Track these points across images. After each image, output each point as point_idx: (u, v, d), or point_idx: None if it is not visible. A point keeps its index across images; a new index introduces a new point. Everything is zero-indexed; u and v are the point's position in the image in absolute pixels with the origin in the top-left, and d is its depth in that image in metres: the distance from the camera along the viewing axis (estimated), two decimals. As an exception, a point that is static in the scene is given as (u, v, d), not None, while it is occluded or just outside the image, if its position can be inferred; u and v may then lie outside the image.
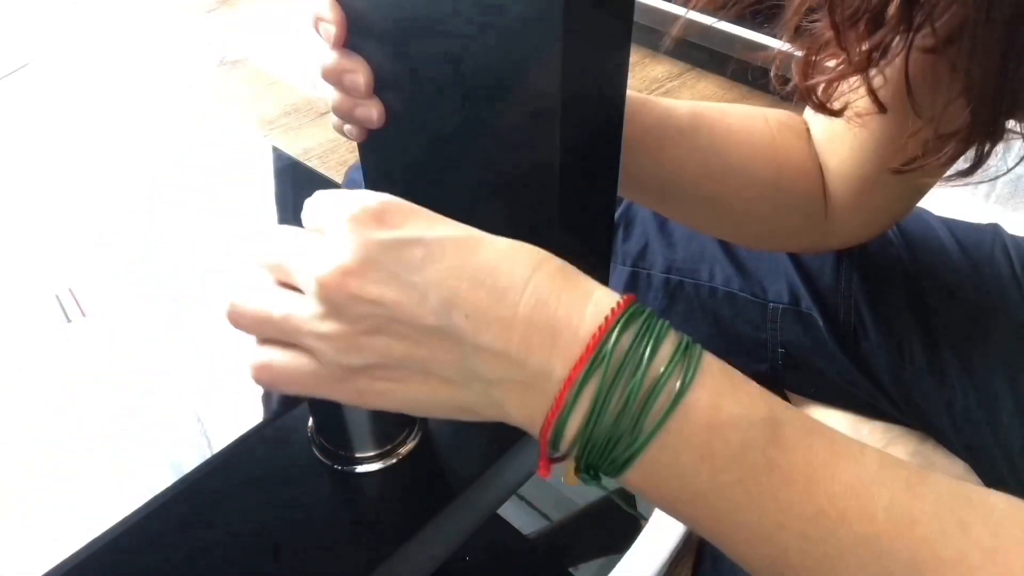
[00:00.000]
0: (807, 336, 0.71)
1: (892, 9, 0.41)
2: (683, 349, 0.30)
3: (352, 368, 0.32)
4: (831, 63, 0.47)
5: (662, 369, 0.30)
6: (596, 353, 0.29)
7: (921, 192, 0.59)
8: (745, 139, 0.58)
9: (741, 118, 0.58)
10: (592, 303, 0.31)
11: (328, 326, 0.31)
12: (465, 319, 0.30)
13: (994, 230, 0.69)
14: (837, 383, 0.71)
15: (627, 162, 0.54)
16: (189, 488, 0.41)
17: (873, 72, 0.45)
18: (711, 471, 0.30)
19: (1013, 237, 0.69)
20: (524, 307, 0.30)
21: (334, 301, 0.31)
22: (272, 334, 0.34)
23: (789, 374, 0.74)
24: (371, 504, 0.43)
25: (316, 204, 0.34)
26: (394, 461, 0.44)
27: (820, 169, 0.60)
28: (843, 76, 0.47)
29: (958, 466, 0.67)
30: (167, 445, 0.44)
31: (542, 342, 0.30)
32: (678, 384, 0.29)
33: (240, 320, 0.34)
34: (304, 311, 0.32)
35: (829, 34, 0.44)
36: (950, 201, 0.74)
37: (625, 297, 0.31)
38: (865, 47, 0.43)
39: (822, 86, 0.48)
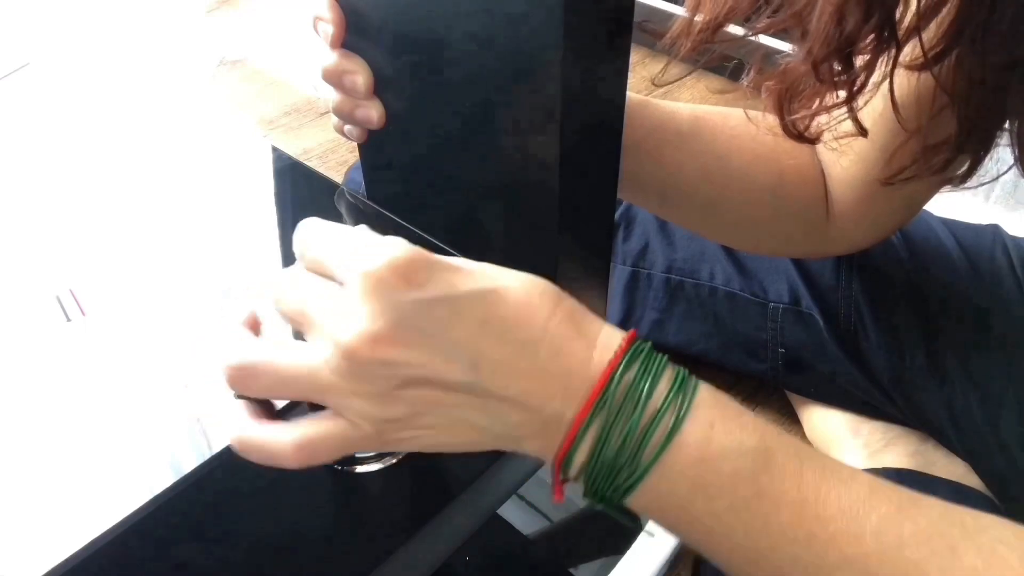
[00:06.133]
0: (807, 336, 0.71)
1: (868, 37, 0.40)
2: (678, 385, 0.32)
3: (386, 420, 0.32)
4: (808, 94, 0.46)
5: (659, 405, 0.32)
6: (601, 395, 0.32)
7: (923, 200, 0.59)
8: (747, 144, 0.58)
9: (743, 122, 0.58)
10: (598, 347, 0.33)
11: (357, 384, 0.31)
12: (492, 374, 0.32)
13: (994, 230, 0.69)
14: (837, 383, 0.71)
15: (627, 164, 0.54)
16: (189, 488, 0.41)
17: (860, 102, 0.44)
18: (705, 499, 0.32)
19: (1013, 237, 0.69)
20: (542, 359, 0.32)
21: (363, 365, 0.31)
22: (292, 394, 0.33)
23: (789, 374, 0.74)
24: (371, 504, 0.43)
25: (318, 242, 0.34)
26: (394, 461, 0.44)
27: (822, 176, 0.60)
28: (830, 108, 0.46)
29: (958, 466, 0.67)
30: (167, 445, 0.44)
31: (557, 390, 0.32)
32: (672, 420, 0.32)
33: (253, 381, 0.33)
34: (328, 368, 0.31)
35: (803, 68, 0.44)
36: (950, 201, 0.74)
37: (627, 337, 0.33)
38: (847, 77, 0.43)
39: (803, 120, 0.48)
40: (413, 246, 0.32)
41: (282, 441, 0.33)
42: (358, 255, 0.31)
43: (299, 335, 0.34)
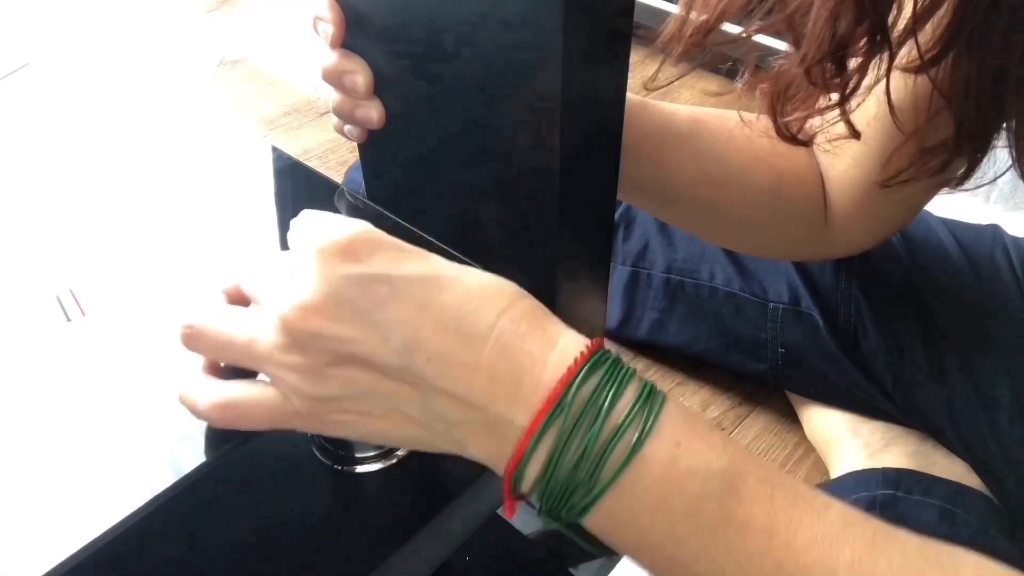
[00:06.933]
0: (807, 336, 0.71)
1: (861, 41, 0.40)
2: (644, 397, 0.30)
3: (317, 398, 0.32)
4: (801, 97, 0.46)
5: (621, 419, 0.30)
6: (557, 404, 0.30)
7: (922, 203, 0.59)
8: (745, 145, 0.58)
9: (741, 125, 0.58)
10: (556, 351, 0.31)
11: (292, 357, 0.31)
12: (427, 362, 0.30)
13: (994, 231, 0.69)
14: (837, 383, 0.71)
15: (627, 166, 0.53)
16: (189, 488, 0.41)
17: (853, 104, 0.44)
18: (668, 522, 0.30)
19: (1013, 237, 0.69)
20: (488, 354, 0.30)
21: (295, 336, 0.31)
22: (233, 359, 0.34)
23: (789, 374, 0.74)
24: (371, 504, 0.43)
25: (298, 226, 0.34)
26: (394, 461, 0.44)
27: (821, 179, 0.60)
28: (823, 111, 0.46)
29: (958, 466, 0.67)
30: (167, 445, 0.44)
31: (505, 390, 0.30)
32: (636, 435, 0.30)
33: (198, 342, 0.34)
34: (267, 338, 0.32)
35: (796, 71, 0.43)
36: (950, 202, 0.74)
37: (591, 344, 0.31)
38: (839, 80, 0.42)
39: (796, 122, 0.48)
40: (367, 225, 0.32)
41: (207, 396, 0.33)
42: (313, 232, 0.32)
43: None
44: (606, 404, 0.30)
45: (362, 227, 0.32)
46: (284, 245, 0.47)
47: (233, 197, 0.63)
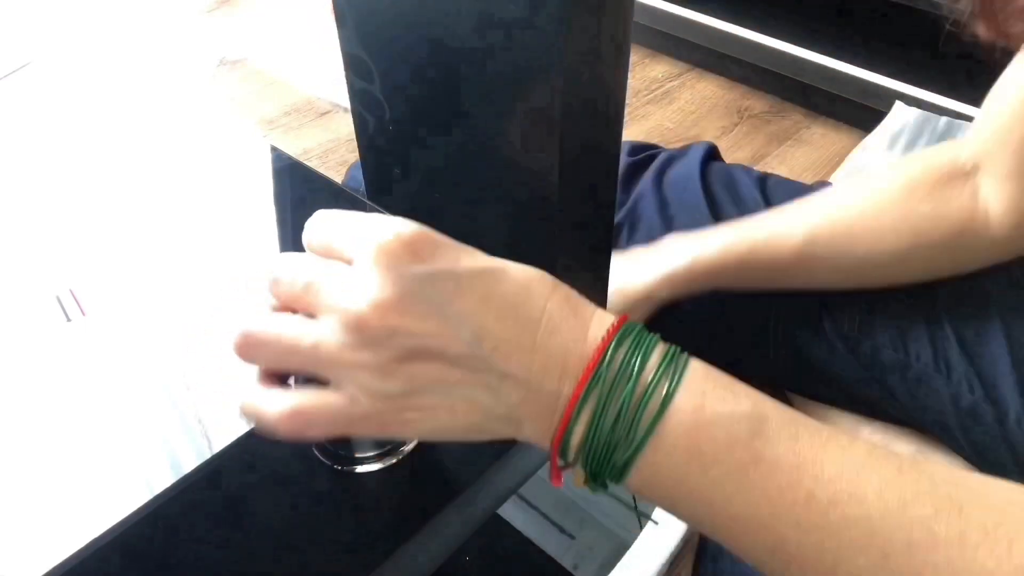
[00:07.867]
0: (812, 334, 0.71)
1: None
2: (670, 358, 0.33)
3: (385, 395, 0.32)
4: None
5: (650, 378, 0.32)
6: (595, 372, 0.32)
7: None
8: (871, 234, 0.62)
9: (867, 217, 0.63)
10: (592, 327, 0.34)
11: (361, 355, 0.32)
12: (493, 349, 0.32)
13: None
14: (839, 382, 0.71)
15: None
16: (189, 488, 0.41)
17: None
18: (701, 467, 0.32)
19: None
20: (541, 337, 0.33)
21: (370, 333, 0.31)
22: (297, 365, 0.34)
23: (790, 373, 0.74)
24: (371, 504, 0.43)
25: (328, 225, 0.34)
26: (394, 461, 0.44)
27: (972, 205, 0.62)
28: None
29: (959, 466, 0.67)
30: (167, 445, 0.44)
31: (555, 367, 0.33)
32: (665, 390, 0.32)
33: (259, 350, 0.34)
34: (333, 339, 0.32)
35: None
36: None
37: (619, 317, 0.34)
38: None
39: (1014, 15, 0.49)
40: (416, 223, 0.33)
41: (275, 406, 0.33)
42: (369, 231, 0.33)
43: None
44: (636, 366, 0.32)
45: (416, 226, 0.33)
46: (284, 244, 0.47)
47: (233, 197, 0.64)
